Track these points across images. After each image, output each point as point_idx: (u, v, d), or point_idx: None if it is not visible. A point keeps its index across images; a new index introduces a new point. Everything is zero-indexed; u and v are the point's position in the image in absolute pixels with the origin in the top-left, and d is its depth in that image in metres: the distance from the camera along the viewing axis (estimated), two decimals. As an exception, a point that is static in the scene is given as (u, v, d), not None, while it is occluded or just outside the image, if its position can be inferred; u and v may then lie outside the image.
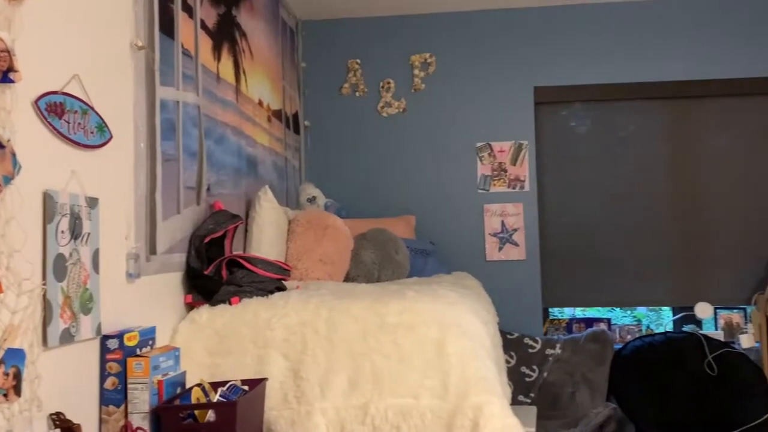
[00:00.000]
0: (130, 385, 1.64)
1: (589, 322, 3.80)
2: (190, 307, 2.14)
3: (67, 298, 1.48)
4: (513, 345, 3.55)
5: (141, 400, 1.64)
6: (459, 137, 3.83)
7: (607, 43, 3.76)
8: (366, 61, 3.88)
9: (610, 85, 3.77)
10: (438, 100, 3.85)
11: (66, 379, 1.50)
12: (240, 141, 2.72)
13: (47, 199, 1.44)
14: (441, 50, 3.85)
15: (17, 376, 1.25)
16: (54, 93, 1.48)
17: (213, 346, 1.98)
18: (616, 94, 3.78)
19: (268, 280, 2.18)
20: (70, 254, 1.50)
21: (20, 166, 1.32)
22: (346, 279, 2.89)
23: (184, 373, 1.83)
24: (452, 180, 3.82)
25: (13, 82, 1.29)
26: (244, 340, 1.97)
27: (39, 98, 1.44)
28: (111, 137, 1.70)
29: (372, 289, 2.26)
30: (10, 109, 1.32)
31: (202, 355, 1.98)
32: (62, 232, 1.48)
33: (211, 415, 1.62)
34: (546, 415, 3.32)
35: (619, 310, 4.78)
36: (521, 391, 3.44)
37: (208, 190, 2.36)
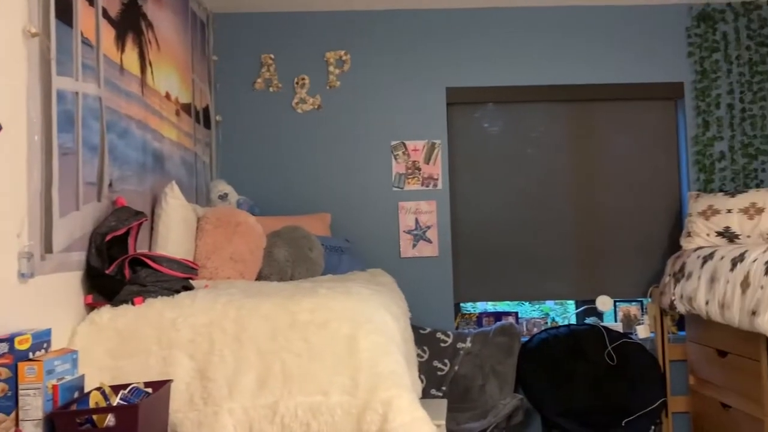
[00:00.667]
0: (21, 391, 1.55)
1: (498, 316, 3.92)
2: (91, 308, 2.05)
3: (-51, 300, 1.38)
4: (425, 340, 3.62)
5: (33, 407, 1.55)
6: (374, 135, 3.85)
7: (516, 46, 3.88)
8: (280, 57, 3.84)
9: (518, 87, 3.90)
10: (353, 98, 3.86)
11: (-53, 387, 1.40)
12: (145, 135, 2.62)
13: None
14: (356, 48, 3.86)
15: None
16: (-67, 80, 1.38)
17: (115, 348, 1.90)
18: (524, 96, 3.92)
19: (174, 279, 2.11)
20: (-48, 253, 1.40)
21: None
22: (259, 277, 2.85)
23: (83, 377, 1.75)
24: (367, 178, 3.84)
25: None
26: (148, 342, 1.90)
27: None
28: (0, 129, 1.60)
29: (284, 287, 2.23)
30: None
31: (102, 357, 1.90)
32: (-58, 229, 1.37)
33: (110, 420, 1.55)
34: (457, 408, 3.41)
35: (528, 304, 4.96)
36: (433, 384, 3.51)
37: (110, 185, 2.26)
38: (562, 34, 3.89)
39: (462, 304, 4.08)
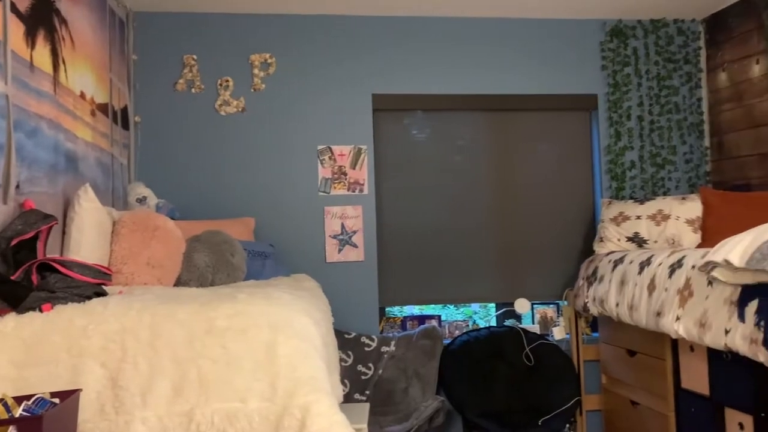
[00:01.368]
0: None
1: (422, 319, 3.98)
2: (-6, 316, 1.94)
3: None
4: (350, 344, 3.63)
5: (-74, 422, 1.46)
6: (300, 139, 3.84)
7: (442, 56, 3.96)
8: (203, 58, 3.77)
9: (444, 96, 3.98)
10: (278, 101, 3.83)
11: None
12: (58, 135, 2.52)
13: None
14: (281, 51, 3.84)
15: None
16: None
17: (19, 357, 1.81)
18: (450, 105, 4.00)
19: (86, 285, 2.04)
20: None
21: None
22: (178, 283, 2.78)
23: (-17, 389, 1.66)
24: (293, 182, 3.82)
25: None
26: (57, 350, 1.82)
27: None
28: None
29: (202, 293, 2.20)
30: None
31: (6, 367, 1.80)
32: None
33: (12, 433, 1.48)
34: (380, 411, 3.43)
35: (453, 307, 5.06)
36: (357, 389, 3.52)
37: (18, 187, 2.16)
38: (486, 45, 4.00)
39: (389, 309, 4.12)
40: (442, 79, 3.96)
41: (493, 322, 4.13)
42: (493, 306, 4.28)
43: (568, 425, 3.52)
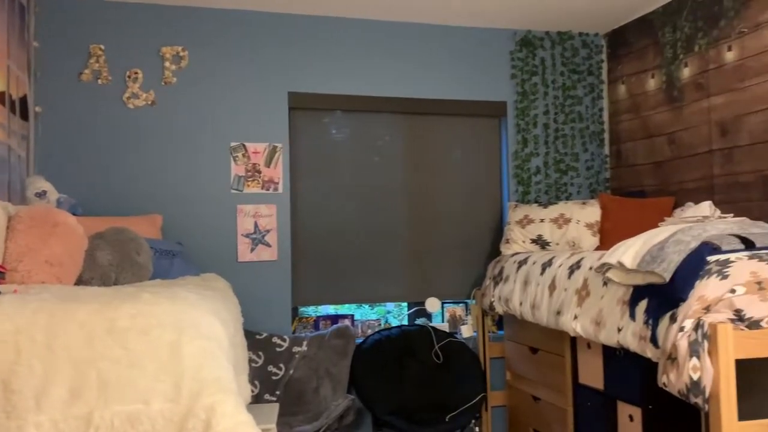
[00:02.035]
0: None
1: (335, 319, 3.99)
2: None
3: None
4: (261, 345, 3.59)
5: None
6: (212, 135, 3.77)
7: (360, 57, 3.99)
8: (111, 48, 3.63)
9: (362, 97, 4.00)
10: (191, 96, 3.74)
11: None
12: (-54, 124, 2.35)
13: None
14: (195, 45, 3.76)
15: None
16: None
17: None
18: (367, 106, 4.03)
19: (-24, 284, 1.92)
20: None
21: None
22: (79, 282, 2.66)
23: None
24: (204, 179, 3.75)
25: None
26: (-59, 352, 1.71)
27: None
28: None
29: (103, 292, 2.12)
30: None
31: None
32: None
33: None
34: (291, 411, 3.42)
35: (368, 306, 5.10)
36: (268, 389, 3.50)
37: None
38: (403, 50, 4.06)
39: (304, 309, 4.11)
40: (361, 81, 4.00)
41: (405, 321, 4.20)
42: (407, 305, 4.35)
43: (473, 421, 3.64)
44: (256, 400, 3.43)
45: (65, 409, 1.73)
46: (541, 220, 3.77)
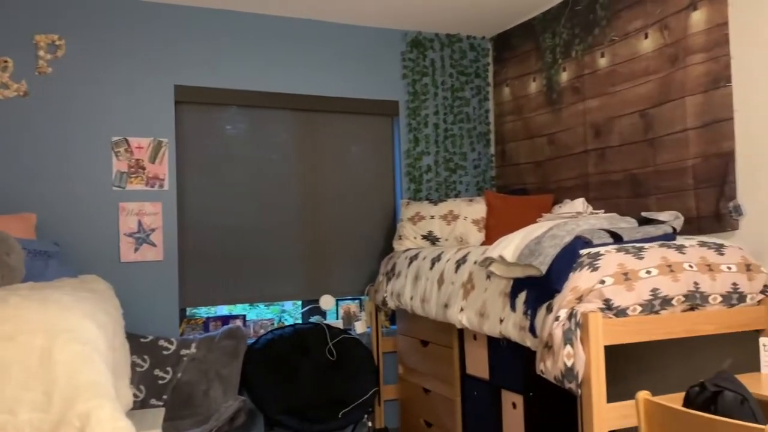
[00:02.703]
0: None
1: (226, 320, 3.91)
2: None
3: None
4: (146, 348, 3.45)
5: None
6: (92, 129, 3.57)
7: (254, 52, 3.92)
8: (-25, 33, 3.36)
9: (256, 93, 3.93)
10: (68, 87, 3.53)
11: None
12: None
13: None
14: (72, 34, 3.54)
15: None
16: None
17: None
18: (260, 102, 3.96)
19: None
20: None
21: None
22: (-63, 286, 2.45)
23: None
24: (83, 175, 3.55)
25: None
26: None
27: None
28: None
29: (-36, 296, 1.96)
30: None
31: None
32: None
33: None
34: (179, 415, 3.31)
35: (264, 306, 5.02)
36: (154, 394, 3.37)
37: None
38: (298, 46, 4.03)
39: (196, 310, 3.98)
40: (255, 76, 3.93)
41: (299, 320, 4.18)
42: (301, 304, 4.32)
43: (366, 415, 3.68)
44: (142, 405, 3.30)
45: None
46: (432, 217, 3.87)
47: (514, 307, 2.60)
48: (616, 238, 2.56)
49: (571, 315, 2.30)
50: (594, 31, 3.59)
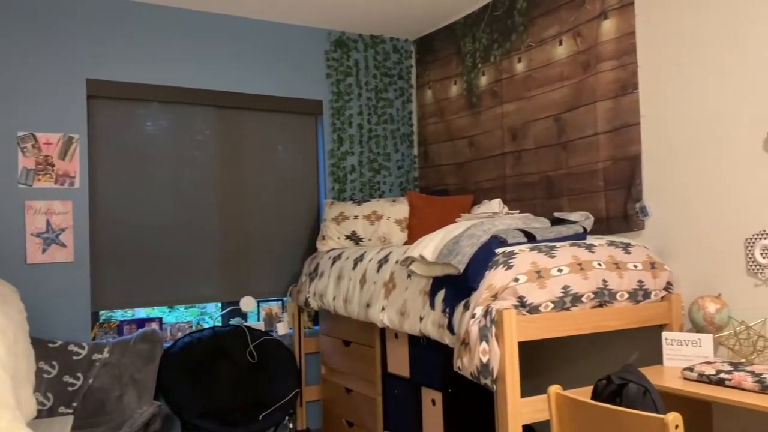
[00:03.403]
0: None
1: (141, 323, 3.77)
2: None
3: None
4: (55, 354, 3.29)
5: None
6: (-4, 124, 3.38)
7: (174, 47, 3.80)
8: None
9: (177, 89, 3.82)
10: (-32, 79, 3.32)
11: None
12: None
13: None
14: (-27, 21, 3.34)
15: None
16: None
17: None
18: (183, 98, 3.85)
19: None
20: None
21: None
22: None
23: None
24: (-14, 172, 3.35)
25: None
26: None
27: None
28: None
29: None
30: None
31: None
32: None
33: None
34: (90, 423, 3.18)
35: (183, 308, 4.88)
36: (63, 401, 3.21)
37: None
38: (222, 42, 3.95)
39: (111, 313, 3.82)
40: (175, 72, 3.81)
41: (218, 322, 4.09)
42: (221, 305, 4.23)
43: (287, 417, 3.64)
44: (49, 413, 3.14)
45: None
46: (355, 217, 3.87)
47: (433, 306, 2.64)
48: (530, 238, 2.64)
49: (487, 312, 2.35)
50: (512, 37, 3.69)
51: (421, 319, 2.71)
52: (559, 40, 3.37)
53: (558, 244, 2.59)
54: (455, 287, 2.53)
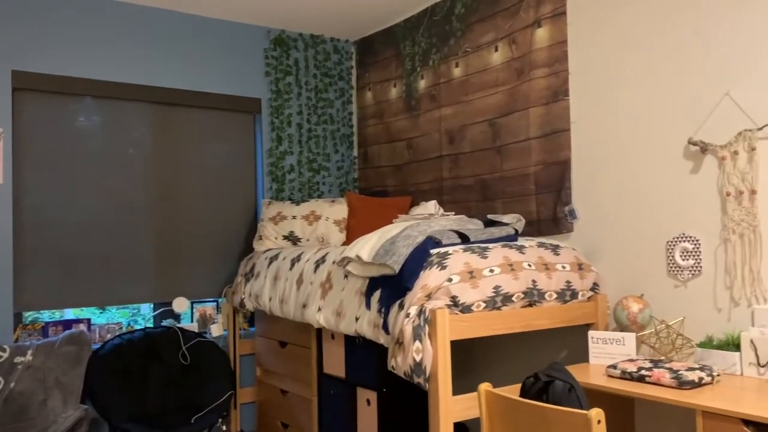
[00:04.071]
0: None
1: (69, 324, 3.64)
2: None
3: None
4: (-27, 357, 3.14)
5: None
6: None
7: (108, 41, 3.69)
8: None
9: (111, 83, 3.70)
10: None
11: None
12: None
13: None
14: None
15: None
16: None
17: None
18: (118, 93, 3.73)
19: None
20: None
21: None
22: None
23: None
24: None
25: None
26: None
27: None
28: None
29: None
30: None
31: None
32: None
33: None
34: (12, 428, 3.05)
35: (115, 309, 4.73)
36: (-19, 407, 3.07)
37: None
38: (158, 37, 3.85)
39: (38, 315, 3.67)
40: (109, 66, 3.70)
41: (150, 324, 3.99)
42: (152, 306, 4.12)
43: (221, 419, 3.58)
44: (-34, 420, 2.99)
45: None
46: (294, 217, 3.85)
47: (369, 306, 2.65)
48: (464, 239, 2.69)
49: (421, 312, 2.38)
50: (450, 42, 3.76)
51: (357, 320, 2.72)
52: (495, 47, 3.45)
53: (490, 245, 2.66)
54: (391, 287, 2.55)
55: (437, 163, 3.83)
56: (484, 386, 2.01)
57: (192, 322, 4.02)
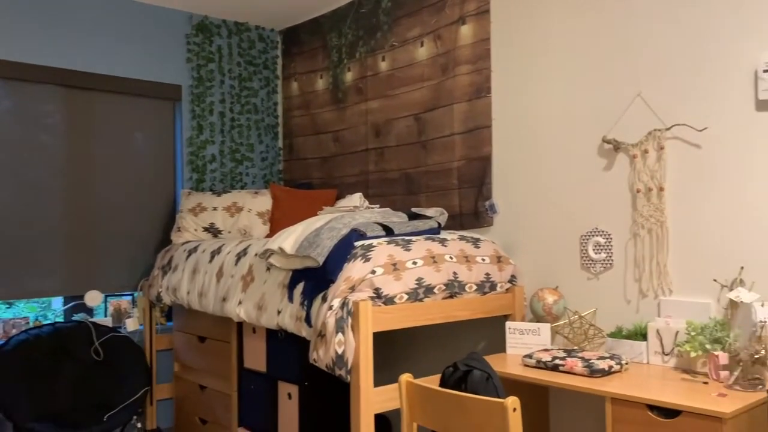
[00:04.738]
0: None
1: (-32, 319, 3.42)
2: None
3: None
4: None
5: None
6: None
7: (18, 18, 3.47)
8: None
9: (17, 64, 3.49)
10: None
11: None
12: None
13: None
14: None
15: None
16: None
17: None
18: (26, 75, 3.53)
19: None
20: None
21: None
22: None
23: None
24: None
25: None
26: None
27: None
28: None
29: None
30: None
31: None
32: None
33: None
34: None
35: (23, 303, 4.47)
36: None
37: None
38: (73, 17, 3.66)
39: None
40: (21, 46, 3.49)
41: (60, 318, 3.80)
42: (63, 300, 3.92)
43: (136, 417, 3.46)
44: None
45: None
46: (214, 209, 3.75)
47: (291, 299, 2.62)
48: (388, 232, 2.70)
49: (344, 304, 2.38)
50: (377, 35, 3.76)
51: (279, 313, 2.68)
52: (421, 42, 3.48)
53: (414, 238, 2.68)
54: (314, 280, 2.53)
55: (363, 157, 3.83)
56: (405, 377, 2.03)
57: (106, 316, 3.85)
